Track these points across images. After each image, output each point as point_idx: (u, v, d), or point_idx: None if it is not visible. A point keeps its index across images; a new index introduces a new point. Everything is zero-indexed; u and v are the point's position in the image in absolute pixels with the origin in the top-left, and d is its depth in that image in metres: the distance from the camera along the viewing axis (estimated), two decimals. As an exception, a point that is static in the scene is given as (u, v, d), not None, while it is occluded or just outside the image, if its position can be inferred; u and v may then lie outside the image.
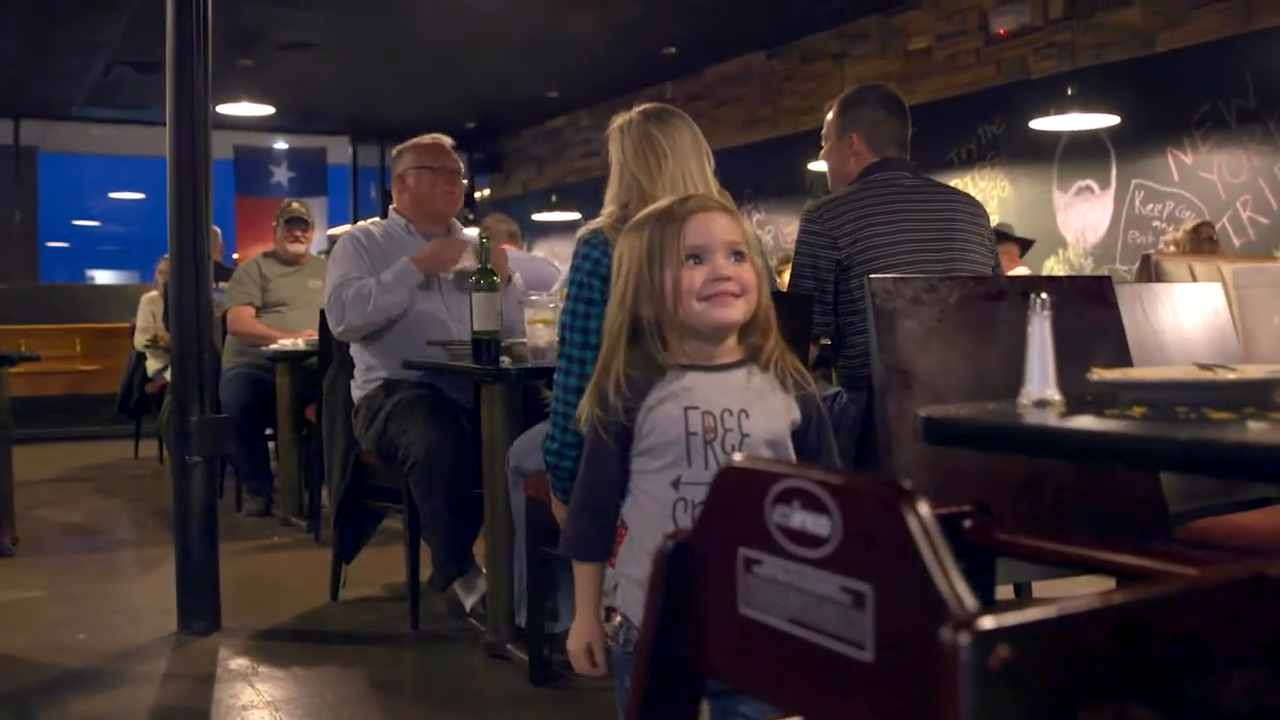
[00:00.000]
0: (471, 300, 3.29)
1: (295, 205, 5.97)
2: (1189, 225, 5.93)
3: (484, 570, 3.72)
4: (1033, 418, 1.30)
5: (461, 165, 3.96)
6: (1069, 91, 6.31)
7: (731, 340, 1.58)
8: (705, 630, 0.94)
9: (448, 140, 3.95)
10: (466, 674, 3.24)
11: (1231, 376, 1.29)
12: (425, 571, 3.68)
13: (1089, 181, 7.09)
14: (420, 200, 3.88)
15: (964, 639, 0.69)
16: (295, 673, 3.25)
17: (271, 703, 2.97)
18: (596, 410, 1.56)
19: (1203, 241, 5.68)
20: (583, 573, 1.65)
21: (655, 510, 1.51)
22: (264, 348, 5.36)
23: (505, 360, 3.29)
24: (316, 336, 4.62)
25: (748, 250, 1.56)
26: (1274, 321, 1.48)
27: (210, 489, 3.69)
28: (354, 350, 3.87)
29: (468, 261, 3.68)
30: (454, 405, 3.68)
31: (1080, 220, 7.15)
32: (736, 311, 1.53)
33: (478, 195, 13.64)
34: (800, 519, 0.83)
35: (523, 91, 11.11)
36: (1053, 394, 1.34)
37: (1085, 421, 1.22)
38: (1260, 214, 6.18)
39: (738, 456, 1.45)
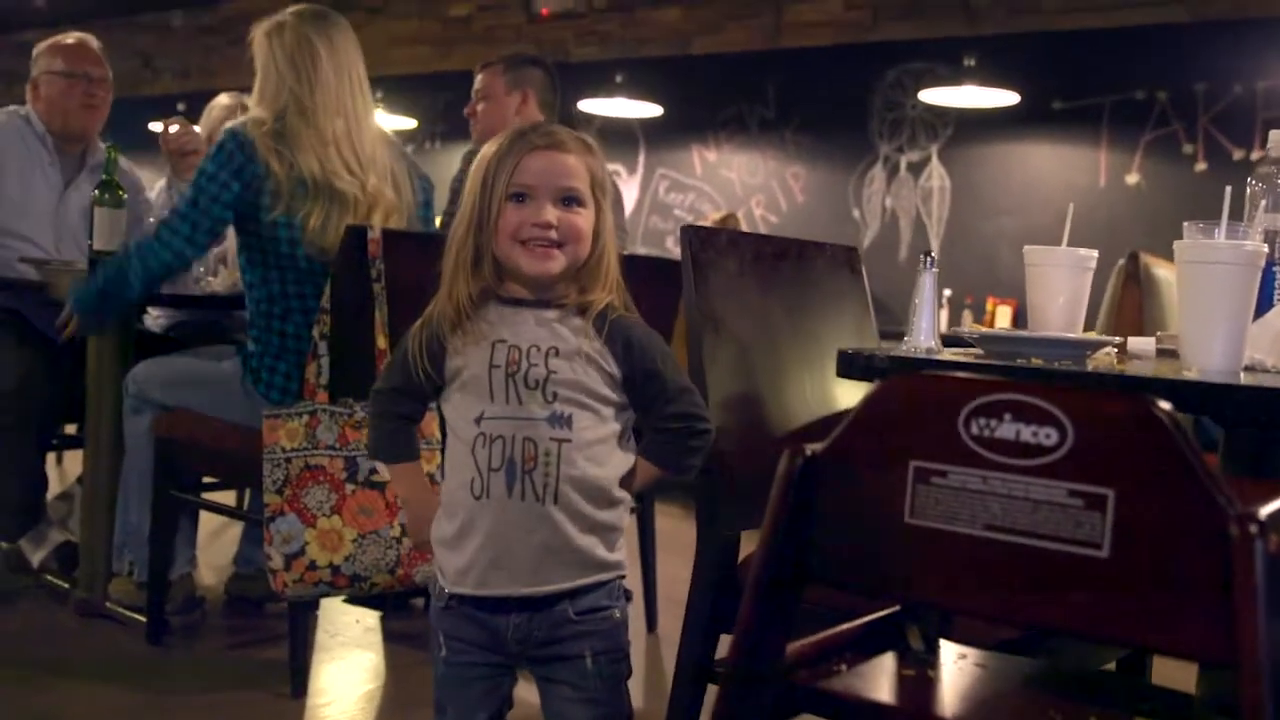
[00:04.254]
0: (93, 215, 2.92)
1: None
2: (716, 216, 6.50)
3: (53, 521, 3.33)
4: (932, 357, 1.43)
5: (109, 74, 3.45)
6: (618, 79, 6.66)
7: (562, 285, 1.49)
8: (843, 543, 0.96)
9: (95, 42, 3.44)
10: (61, 637, 2.87)
11: (1071, 336, 1.51)
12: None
13: (617, 166, 7.53)
14: (55, 111, 3.35)
15: (1253, 529, 0.79)
16: None
17: None
18: (424, 332, 1.48)
19: (730, 232, 6.25)
20: (405, 472, 1.59)
21: (459, 447, 1.47)
22: None
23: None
24: None
25: (589, 196, 1.48)
26: (1059, 300, 1.72)
27: None
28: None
29: None
30: (40, 335, 3.23)
31: (608, 202, 7.57)
32: (554, 264, 1.44)
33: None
34: (1012, 429, 0.88)
35: (-3, -9, 9.80)
36: (936, 344, 1.47)
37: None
38: (770, 212, 6.91)
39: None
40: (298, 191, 2.58)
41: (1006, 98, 5.57)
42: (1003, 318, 5.79)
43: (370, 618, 3.16)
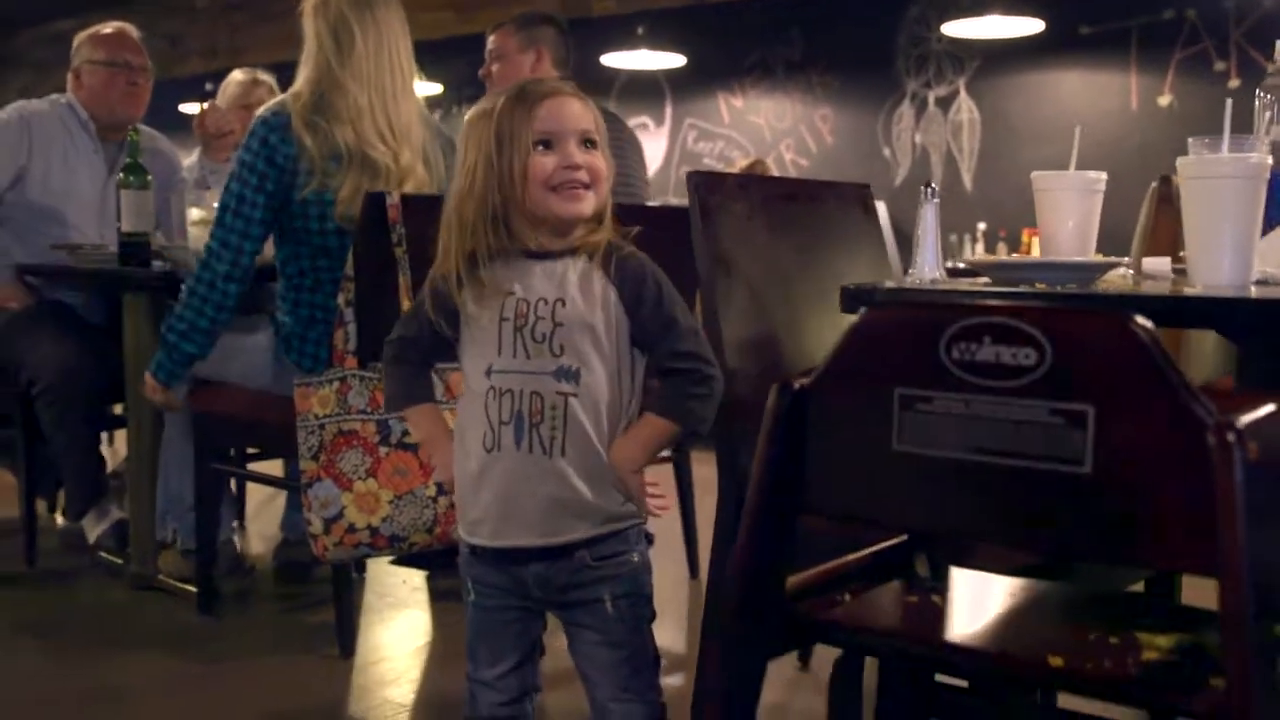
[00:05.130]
0: (119, 198, 2.96)
1: None
2: (744, 163, 6.46)
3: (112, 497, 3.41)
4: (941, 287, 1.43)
5: (149, 63, 3.48)
6: (639, 31, 6.62)
7: (580, 228, 1.52)
8: (834, 474, 0.98)
9: (134, 31, 3.48)
10: (118, 611, 2.94)
11: (1076, 260, 1.50)
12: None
13: (645, 119, 7.51)
14: (97, 100, 3.40)
15: (1230, 437, 0.79)
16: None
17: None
18: (433, 289, 1.50)
19: (759, 179, 6.23)
20: (420, 415, 1.61)
21: (473, 401, 1.49)
22: None
23: (159, 265, 3.00)
24: None
25: (599, 139, 1.51)
26: (1069, 224, 1.71)
27: None
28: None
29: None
30: (81, 319, 3.30)
31: (637, 155, 7.55)
32: (586, 204, 1.46)
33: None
34: (992, 352, 0.89)
35: (26, -17, 9.88)
36: (940, 274, 1.47)
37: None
38: (801, 156, 6.86)
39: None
40: (330, 165, 2.59)
41: (1031, 25, 5.48)
42: (1038, 248, 5.73)
43: (417, 577, 3.21)
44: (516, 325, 1.45)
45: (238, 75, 3.87)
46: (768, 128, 7.00)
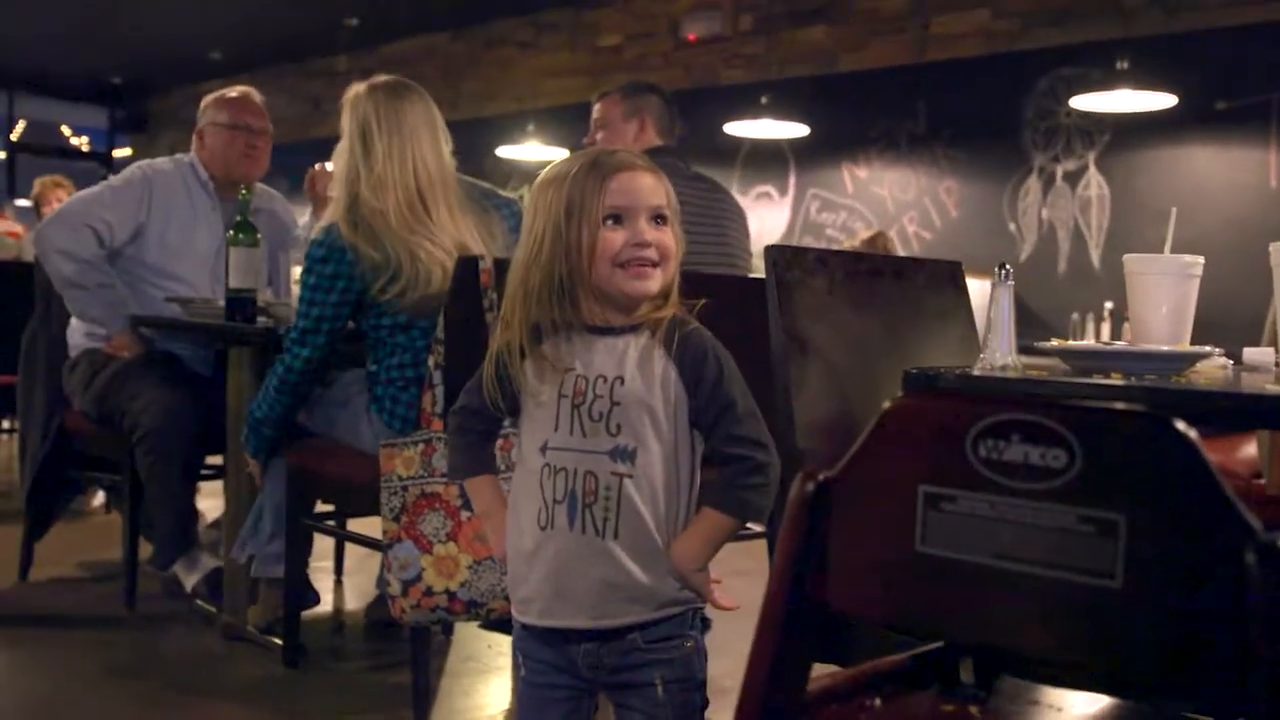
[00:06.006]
0: (228, 255, 3.05)
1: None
2: (865, 235, 6.38)
3: (204, 547, 3.47)
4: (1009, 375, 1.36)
5: (270, 126, 3.62)
6: (763, 100, 6.63)
7: (645, 305, 1.48)
8: (857, 572, 0.92)
9: (257, 96, 3.61)
10: (209, 659, 2.99)
11: (1161, 349, 1.41)
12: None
13: (769, 188, 7.49)
14: (217, 160, 3.52)
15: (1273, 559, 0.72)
16: None
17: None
18: (493, 365, 1.48)
19: (878, 250, 6.14)
20: (480, 486, 1.59)
21: (527, 477, 1.46)
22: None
23: (264, 321, 3.07)
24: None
25: (670, 215, 1.47)
26: (1161, 311, 1.63)
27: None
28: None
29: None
30: (188, 370, 3.39)
31: (759, 224, 7.52)
32: (654, 283, 1.43)
33: (116, 154, 12.63)
34: (1020, 452, 0.83)
35: (182, 48, 10.38)
36: (1013, 359, 1.40)
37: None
38: (924, 229, 6.76)
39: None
40: (379, 270, 2.61)
41: (1164, 100, 5.32)
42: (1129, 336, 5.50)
43: (503, 642, 3.19)
44: (574, 402, 1.42)
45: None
46: (891, 199, 6.92)
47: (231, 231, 3.06)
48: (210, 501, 3.57)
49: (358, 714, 2.64)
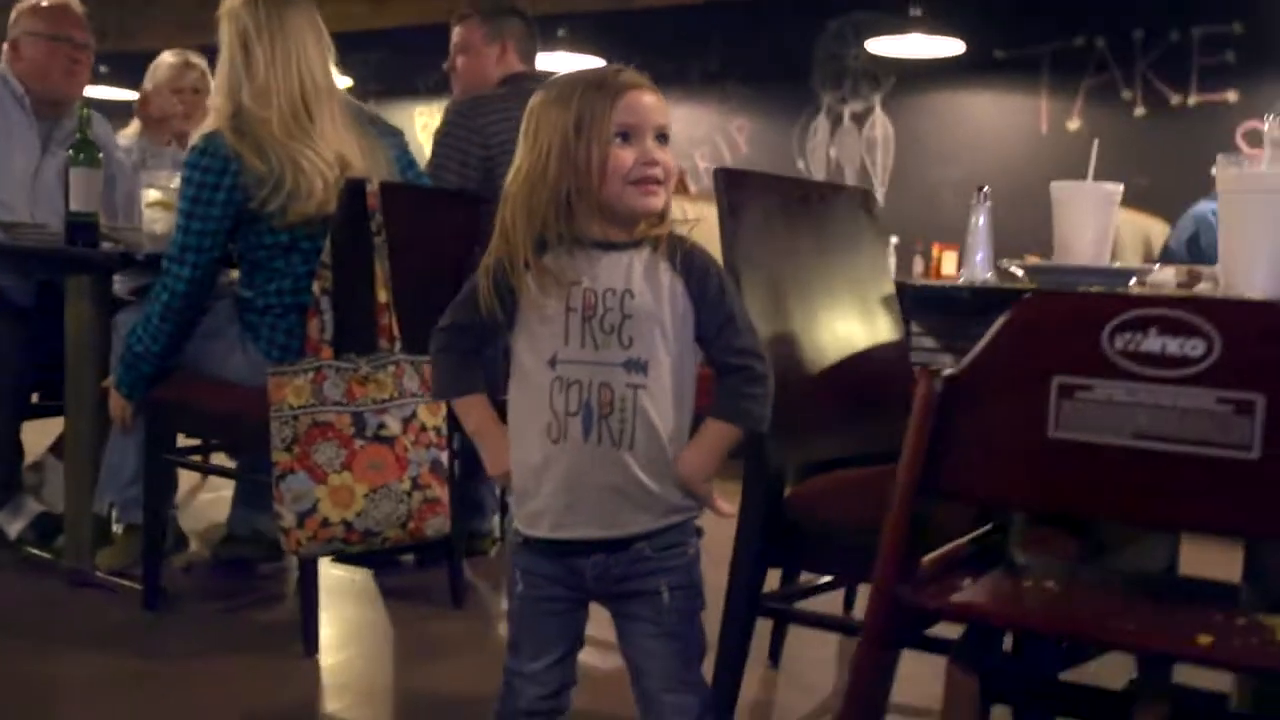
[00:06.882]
0: (68, 176, 2.84)
1: None
2: (661, 170, 6.50)
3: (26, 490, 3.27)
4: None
5: (92, 40, 3.33)
6: (559, 33, 6.60)
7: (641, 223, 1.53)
8: (988, 461, 1.00)
9: (78, 4, 3.32)
10: (52, 607, 2.82)
11: (1117, 265, 1.55)
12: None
13: (558, 123, 7.49)
14: (35, 74, 3.25)
15: None
16: None
17: None
18: (490, 277, 1.48)
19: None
20: (470, 405, 1.57)
21: (533, 391, 1.47)
22: None
23: (109, 246, 2.89)
24: None
25: (669, 135, 1.51)
26: (1086, 236, 1.77)
27: None
28: None
29: None
30: (9, 302, 3.15)
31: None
32: (660, 200, 1.47)
33: None
34: (1158, 343, 0.92)
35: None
36: (990, 275, 1.51)
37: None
38: (714, 164, 6.90)
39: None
40: (263, 181, 2.52)
41: (952, 46, 5.63)
42: (948, 263, 5.88)
43: (363, 576, 3.15)
44: (585, 315, 1.44)
45: (168, 57, 3.75)
46: (683, 135, 7.04)
47: (72, 151, 2.86)
48: (29, 440, 3.34)
49: (240, 653, 2.56)
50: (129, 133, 3.59)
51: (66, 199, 2.85)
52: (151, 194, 2.85)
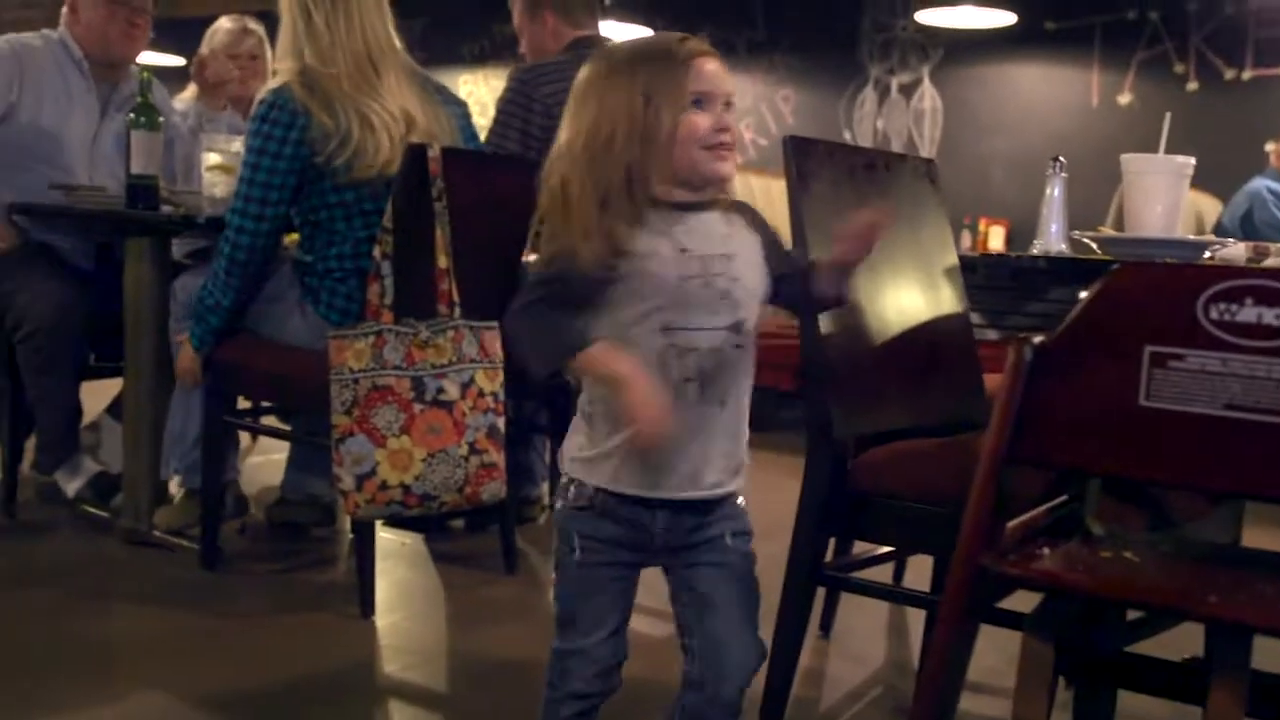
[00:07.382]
0: (129, 139, 2.87)
1: None
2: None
3: (86, 452, 3.32)
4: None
5: (150, 3, 3.36)
6: (607, 2, 6.59)
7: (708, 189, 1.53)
8: (1078, 429, 1.00)
9: None
10: (109, 566, 2.87)
11: (1192, 238, 1.55)
12: None
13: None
14: (94, 37, 3.27)
15: None
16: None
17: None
18: (606, 235, 1.46)
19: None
20: (584, 359, 1.43)
21: (642, 359, 1.47)
22: None
23: (168, 209, 2.92)
24: None
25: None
26: (1157, 208, 1.76)
27: None
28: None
29: None
30: (70, 263, 3.20)
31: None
32: (731, 165, 1.47)
33: None
34: (1254, 313, 0.92)
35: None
36: (1064, 246, 1.51)
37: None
38: (760, 135, 6.91)
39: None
40: (329, 136, 2.54)
41: (1003, 18, 5.58)
42: (995, 238, 5.84)
43: (414, 540, 3.18)
44: (702, 282, 1.44)
45: (225, 23, 3.77)
46: (728, 106, 7.02)
47: (132, 115, 2.88)
48: (87, 401, 3.38)
49: (299, 612, 2.61)
50: (185, 97, 3.62)
51: (127, 162, 2.88)
52: (212, 157, 2.87)
